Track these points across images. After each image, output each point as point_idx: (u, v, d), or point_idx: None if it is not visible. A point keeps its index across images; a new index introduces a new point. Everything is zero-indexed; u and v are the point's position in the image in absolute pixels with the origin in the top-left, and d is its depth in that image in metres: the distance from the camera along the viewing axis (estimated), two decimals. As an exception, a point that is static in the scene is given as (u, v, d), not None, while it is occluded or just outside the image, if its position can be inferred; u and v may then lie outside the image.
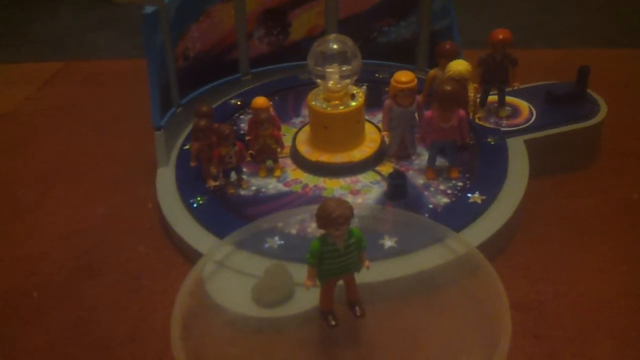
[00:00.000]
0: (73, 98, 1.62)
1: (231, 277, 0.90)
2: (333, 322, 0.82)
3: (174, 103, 1.24)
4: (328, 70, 1.09)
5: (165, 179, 1.13)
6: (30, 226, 1.15)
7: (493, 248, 0.97)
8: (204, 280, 0.89)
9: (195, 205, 1.04)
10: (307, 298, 0.83)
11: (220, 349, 0.83)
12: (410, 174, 1.09)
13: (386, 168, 1.11)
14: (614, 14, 1.91)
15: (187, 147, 1.17)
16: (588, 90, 1.23)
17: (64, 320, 0.94)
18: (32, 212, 1.19)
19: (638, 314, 0.90)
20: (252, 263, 0.91)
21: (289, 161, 1.15)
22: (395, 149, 1.13)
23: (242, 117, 1.30)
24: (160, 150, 1.15)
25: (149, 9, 1.12)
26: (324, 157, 1.12)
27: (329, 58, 1.09)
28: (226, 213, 1.02)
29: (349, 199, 1.04)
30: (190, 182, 1.09)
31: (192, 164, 1.08)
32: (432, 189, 1.06)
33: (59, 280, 1.02)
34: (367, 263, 0.80)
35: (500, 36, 1.14)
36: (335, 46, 1.09)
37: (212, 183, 1.08)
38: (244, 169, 1.10)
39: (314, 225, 0.76)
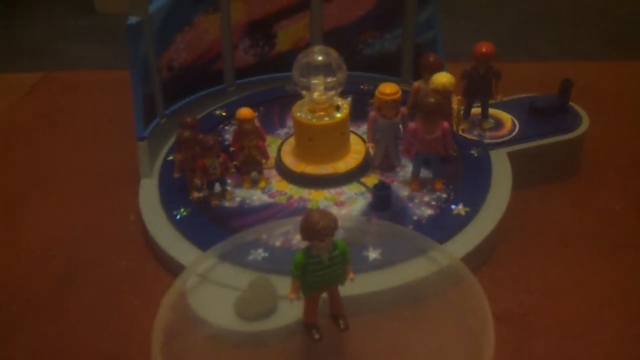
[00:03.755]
0: (54, 108, 1.60)
1: (214, 290, 0.89)
2: (317, 336, 0.81)
3: (158, 114, 1.23)
4: (313, 81, 1.09)
5: (148, 190, 1.11)
6: (9, 239, 1.13)
7: (477, 260, 0.98)
8: (186, 293, 0.88)
9: (178, 216, 1.03)
10: (291, 311, 0.82)
11: (203, 363, 0.83)
12: (395, 185, 1.09)
13: (371, 179, 1.11)
14: (597, 27, 1.93)
15: (170, 158, 1.16)
16: (570, 103, 1.24)
17: (43, 337, 0.92)
18: (11, 225, 1.17)
19: (621, 325, 0.90)
20: (236, 276, 0.91)
21: (273, 172, 1.14)
22: (380, 161, 1.13)
23: (226, 128, 1.29)
24: (143, 161, 1.14)
25: (132, 20, 1.11)
26: (309, 169, 1.12)
27: (314, 69, 1.09)
28: (210, 225, 1.01)
29: (334, 210, 1.04)
30: (173, 193, 1.08)
31: (176, 175, 1.08)
32: (416, 200, 1.06)
33: (38, 295, 0.99)
34: (351, 275, 0.80)
35: (484, 49, 1.15)
36: (320, 58, 1.09)
37: (195, 194, 1.08)
38: (228, 180, 1.09)
39: (298, 237, 0.76)
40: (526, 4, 2.11)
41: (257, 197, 1.08)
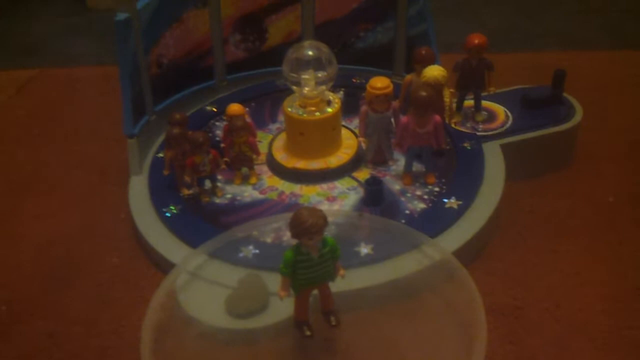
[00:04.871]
0: (47, 105, 1.59)
1: (204, 287, 0.89)
2: (308, 333, 0.81)
3: (147, 111, 1.22)
4: (303, 76, 1.08)
5: (138, 188, 1.11)
6: (2, 236, 1.13)
7: (470, 253, 0.97)
8: (176, 291, 0.87)
9: (168, 214, 1.02)
10: (282, 308, 0.82)
11: (193, 362, 0.82)
12: (387, 179, 1.08)
13: (363, 174, 1.10)
14: (589, 16, 1.92)
15: (160, 155, 1.15)
16: (564, 94, 1.23)
17: (35, 333, 0.92)
18: (2, 223, 1.16)
19: (616, 318, 0.89)
20: (226, 273, 0.90)
21: (265, 168, 1.13)
22: (372, 155, 1.12)
23: (217, 123, 1.28)
24: (133, 159, 1.14)
25: (121, 16, 1.10)
26: (301, 164, 1.11)
27: (304, 64, 1.09)
28: (200, 222, 1.00)
29: (326, 205, 1.03)
30: (163, 190, 1.07)
31: (165, 172, 1.07)
32: (408, 194, 1.05)
33: (30, 293, 0.99)
34: (342, 272, 0.80)
35: (476, 41, 1.14)
36: (310, 52, 1.09)
37: (186, 191, 1.07)
38: (219, 177, 1.09)
39: (289, 233, 0.75)
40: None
41: (248, 193, 1.08)
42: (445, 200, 1.02)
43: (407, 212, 1.01)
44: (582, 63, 1.59)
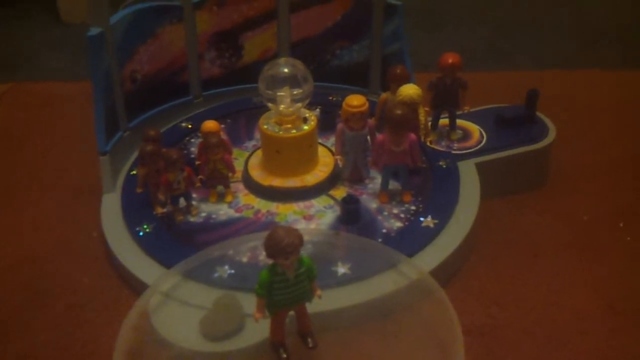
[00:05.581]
0: (20, 121, 1.56)
1: (178, 309, 0.87)
2: (284, 355, 0.80)
3: (121, 127, 1.20)
4: (279, 94, 1.08)
5: (111, 206, 1.08)
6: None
7: (446, 272, 0.97)
8: (149, 313, 0.85)
9: (141, 233, 1.00)
10: (258, 330, 0.80)
11: (166, 386, 0.80)
12: (364, 197, 1.08)
13: (340, 192, 1.10)
14: (565, 35, 1.96)
15: (134, 172, 1.13)
16: (538, 113, 1.25)
17: (4, 356, 0.89)
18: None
19: (594, 336, 0.90)
20: (201, 294, 0.88)
21: (240, 186, 1.12)
22: (349, 173, 1.12)
23: (192, 140, 1.27)
24: (105, 176, 1.11)
25: (94, 31, 1.09)
26: (277, 182, 1.10)
27: (279, 82, 1.08)
28: (174, 241, 0.99)
29: (302, 224, 1.02)
30: (136, 209, 1.05)
31: (139, 190, 1.05)
32: (385, 213, 1.05)
33: (3, 314, 0.96)
34: (318, 292, 0.79)
35: (450, 60, 1.15)
36: (285, 70, 1.08)
37: (159, 210, 1.05)
38: (194, 195, 1.07)
39: (265, 253, 0.74)
40: (496, 13, 2.13)
41: (223, 211, 1.06)
42: (422, 219, 1.02)
43: (384, 230, 1.01)
44: (560, 82, 1.61)
